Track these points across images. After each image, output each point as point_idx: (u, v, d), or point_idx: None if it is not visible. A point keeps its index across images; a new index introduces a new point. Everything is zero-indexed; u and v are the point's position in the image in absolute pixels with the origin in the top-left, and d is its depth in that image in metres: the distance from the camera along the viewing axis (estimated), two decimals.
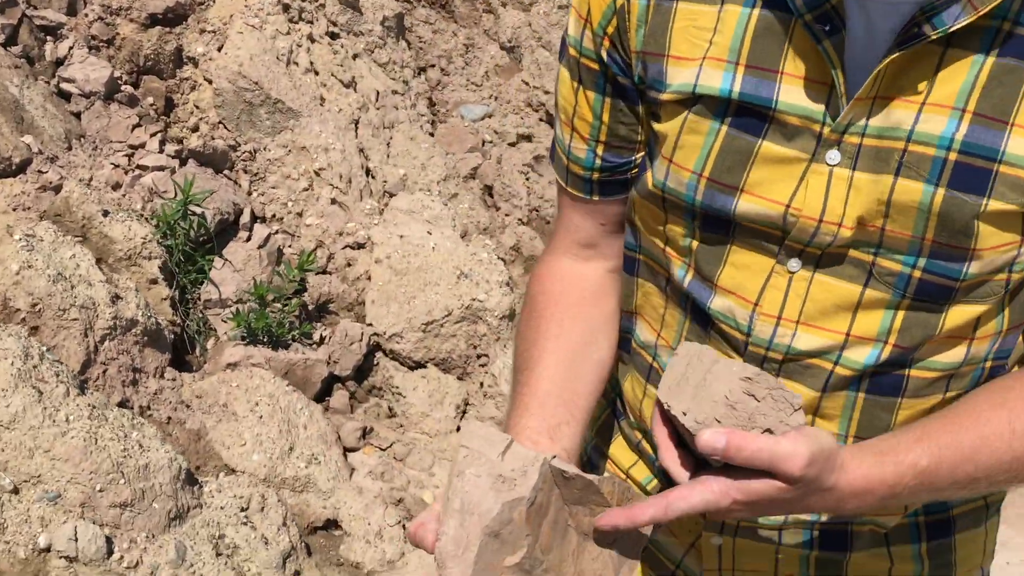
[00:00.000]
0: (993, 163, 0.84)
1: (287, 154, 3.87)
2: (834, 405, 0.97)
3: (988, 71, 0.83)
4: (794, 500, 0.84)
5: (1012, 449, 0.88)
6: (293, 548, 2.72)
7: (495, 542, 0.80)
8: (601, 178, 1.08)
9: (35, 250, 2.82)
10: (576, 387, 1.05)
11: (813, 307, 0.94)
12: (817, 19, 0.86)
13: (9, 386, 2.45)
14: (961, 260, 0.88)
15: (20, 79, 3.57)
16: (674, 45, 0.94)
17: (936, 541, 1.08)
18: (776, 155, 0.91)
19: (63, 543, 2.34)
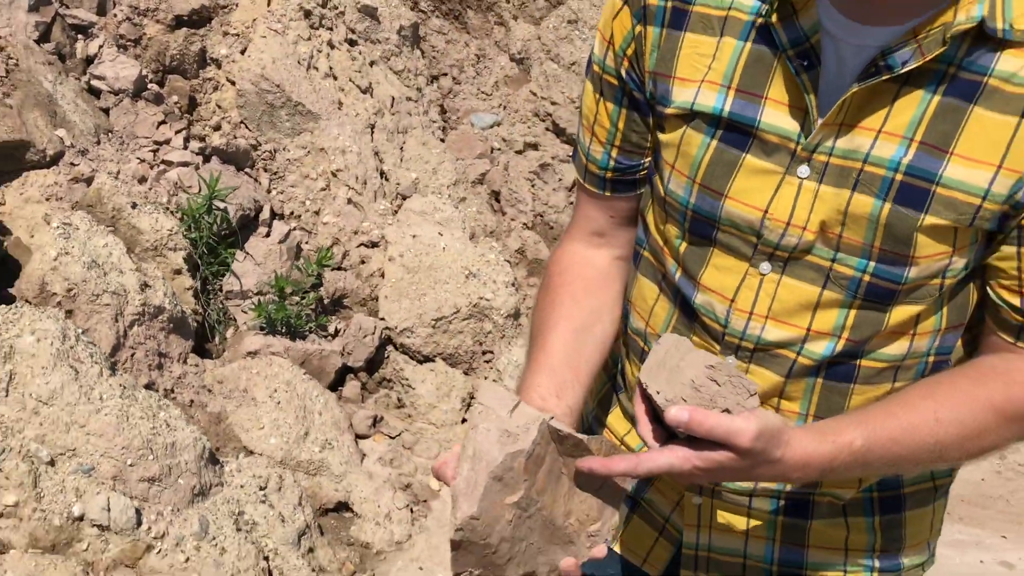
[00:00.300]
0: (932, 184, 1.00)
1: (306, 155, 4.02)
2: (797, 389, 1.14)
3: (934, 107, 0.99)
4: (745, 468, 1.00)
5: (935, 435, 1.04)
6: (308, 526, 2.88)
7: (498, 484, 0.97)
8: (613, 177, 1.26)
9: (71, 238, 2.97)
10: (581, 355, 1.22)
11: (780, 305, 1.10)
12: (798, 55, 1.03)
13: (49, 364, 2.60)
14: (903, 266, 1.04)
15: (53, 75, 3.72)
16: (679, 68, 1.12)
17: (888, 516, 1.23)
18: (757, 167, 1.08)
19: (96, 513, 2.49)
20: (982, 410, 1.05)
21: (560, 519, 1.03)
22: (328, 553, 2.89)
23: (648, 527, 1.35)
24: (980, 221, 1.01)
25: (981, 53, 0.97)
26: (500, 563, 1.01)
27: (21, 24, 3.78)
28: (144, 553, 2.52)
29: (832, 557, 1.25)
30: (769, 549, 1.25)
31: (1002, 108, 0.97)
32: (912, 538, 1.26)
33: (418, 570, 2.88)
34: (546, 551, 1.04)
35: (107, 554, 2.48)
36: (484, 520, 0.97)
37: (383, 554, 2.95)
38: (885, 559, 1.25)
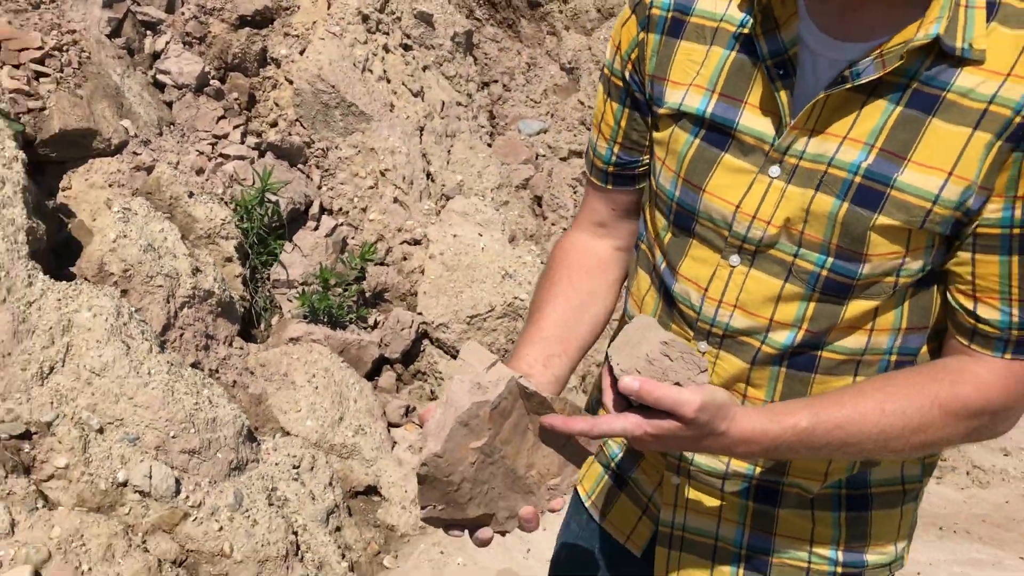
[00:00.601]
0: (887, 187, 1.08)
1: (356, 154, 4.18)
2: (761, 376, 1.22)
3: (896, 117, 1.08)
4: (692, 438, 1.09)
5: (879, 425, 1.12)
6: (336, 506, 3.01)
7: (464, 429, 1.08)
8: (615, 171, 1.37)
9: (130, 222, 3.15)
10: (572, 332, 1.32)
11: (747, 296, 1.19)
12: (776, 65, 1.13)
13: (103, 338, 2.77)
14: (857, 262, 1.12)
15: (122, 68, 3.92)
16: (673, 72, 1.23)
17: (854, 512, 1.30)
18: (734, 165, 1.18)
19: (139, 479, 2.65)
20: (928, 406, 1.12)
21: (522, 470, 1.14)
22: (355, 533, 3.02)
23: (633, 505, 1.44)
24: (931, 224, 1.09)
25: (942, 69, 1.06)
26: (461, 501, 1.12)
27: (95, 19, 3.99)
28: (181, 520, 2.68)
29: (797, 547, 1.32)
30: (739, 533, 1.33)
31: (958, 120, 1.05)
32: (878, 537, 1.32)
33: (439, 554, 2.99)
34: (507, 497, 1.15)
35: (147, 519, 2.64)
36: (447, 459, 1.08)
37: (407, 537, 3.07)
38: (849, 554, 1.31)
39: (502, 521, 1.17)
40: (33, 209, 3.02)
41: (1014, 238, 1.08)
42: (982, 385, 1.14)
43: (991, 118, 1.04)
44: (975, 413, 1.14)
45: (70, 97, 3.56)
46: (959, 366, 1.16)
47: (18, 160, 3.01)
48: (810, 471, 1.27)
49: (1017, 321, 1.12)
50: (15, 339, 2.70)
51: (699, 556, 1.36)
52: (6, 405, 2.64)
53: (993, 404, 1.14)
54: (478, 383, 1.09)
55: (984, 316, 1.13)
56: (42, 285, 2.79)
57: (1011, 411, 1.16)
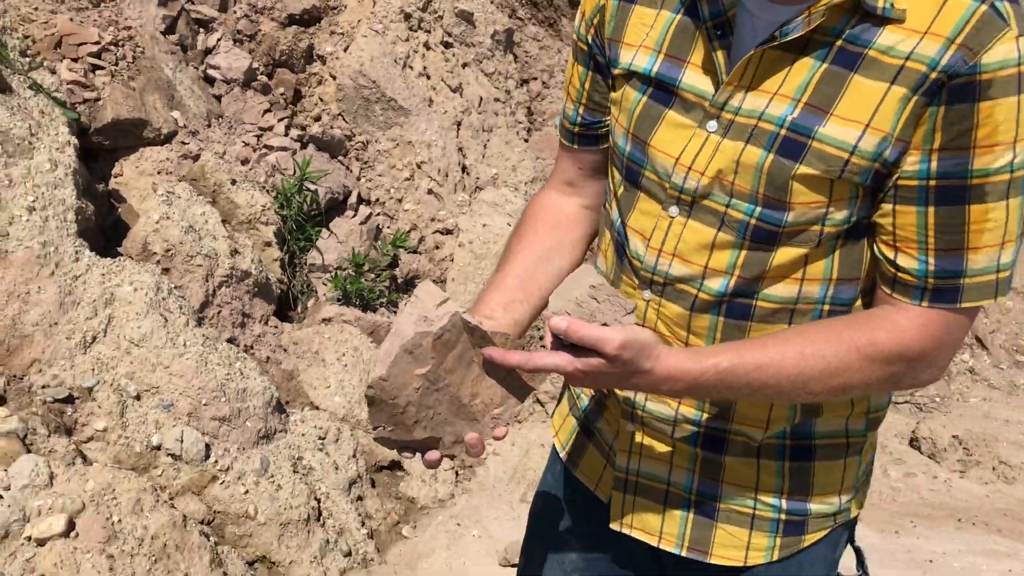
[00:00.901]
0: (808, 139, 1.16)
1: (395, 147, 4.33)
2: (701, 324, 1.30)
3: (820, 73, 1.15)
4: (618, 375, 1.17)
5: (799, 367, 1.18)
6: (359, 477, 3.15)
7: (408, 356, 1.19)
8: (580, 131, 1.46)
9: (173, 205, 3.34)
10: (534, 280, 1.41)
11: (684, 245, 1.27)
12: (715, 26, 1.22)
13: (142, 311, 2.95)
14: (782, 211, 1.19)
15: (174, 63, 4.13)
16: (627, 35, 1.32)
17: (797, 463, 1.36)
18: (676, 121, 1.26)
19: (171, 443, 2.82)
20: (846, 350, 1.19)
21: (466, 398, 1.24)
22: (376, 503, 3.16)
23: (599, 454, 1.52)
24: (849, 174, 1.16)
25: (866, 28, 1.13)
26: (408, 423, 1.23)
27: (151, 16, 4.22)
28: (209, 483, 2.84)
29: (743, 494, 1.38)
30: (689, 479, 1.40)
31: (877, 76, 1.12)
32: (821, 488, 1.38)
33: (456, 525, 3.11)
34: (452, 423, 1.25)
35: (177, 480, 2.81)
36: (392, 383, 1.19)
37: (426, 509, 3.20)
38: (792, 502, 1.37)
39: (449, 445, 1.27)
40: (83, 191, 3.23)
41: (930, 190, 1.14)
42: (897, 331, 1.20)
43: (907, 74, 1.11)
44: (890, 358, 1.20)
45: (123, 89, 3.77)
46: (879, 314, 1.22)
47: (70, 145, 3.22)
48: (753, 418, 1.33)
49: (933, 270, 1.17)
50: (61, 310, 2.89)
51: (652, 501, 1.43)
52: (51, 371, 2.83)
53: (909, 351, 1.20)
54: (425, 316, 1.19)
55: (903, 265, 1.19)
56: (88, 261, 2.99)
57: (928, 358, 1.21)
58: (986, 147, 1.11)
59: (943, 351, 1.22)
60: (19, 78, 3.27)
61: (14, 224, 2.91)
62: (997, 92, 1.09)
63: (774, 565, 1.40)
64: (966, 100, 1.09)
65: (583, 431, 1.56)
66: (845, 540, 1.47)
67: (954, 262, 1.17)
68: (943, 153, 1.12)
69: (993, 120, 1.10)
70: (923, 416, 4.31)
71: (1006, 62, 1.08)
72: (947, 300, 1.18)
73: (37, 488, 2.43)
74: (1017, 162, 1.12)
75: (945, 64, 1.09)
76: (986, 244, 1.15)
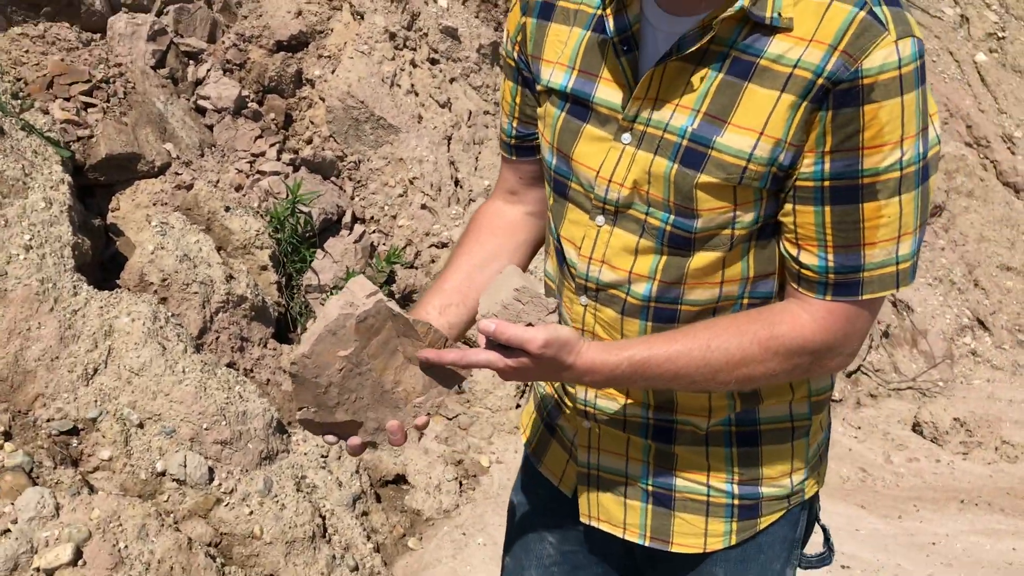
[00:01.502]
0: (708, 148, 1.21)
1: (387, 164, 4.39)
2: (632, 329, 1.35)
3: (717, 84, 1.20)
4: (544, 370, 1.23)
5: (705, 359, 1.25)
6: (363, 492, 3.20)
7: (332, 337, 1.24)
8: (516, 143, 1.52)
9: (167, 235, 3.40)
10: (472, 284, 1.47)
11: (610, 252, 1.33)
12: (622, 41, 1.27)
13: (141, 341, 3.02)
14: (691, 218, 1.25)
15: (165, 96, 4.21)
16: (545, 52, 1.38)
17: (744, 448, 1.41)
18: (594, 135, 1.31)
19: (175, 469, 2.88)
20: (749, 343, 1.24)
21: (389, 385, 1.29)
22: (381, 517, 3.20)
23: (561, 450, 1.58)
24: (748, 180, 1.21)
25: (757, 38, 1.18)
26: (330, 404, 1.28)
27: (140, 52, 4.29)
28: (214, 505, 2.90)
29: (696, 481, 1.43)
30: (644, 470, 1.45)
31: (769, 84, 1.17)
32: (770, 471, 1.43)
33: (461, 535, 3.16)
34: (374, 409, 1.30)
35: (183, 505, 2.86)
36: (314, 362, 1.25)
37: (431, 520, 3.24)
38: (744, 487, 1.43)
39: (371, 432, 1.33)
40: (80, 227, 3.30)
41: (825, 190, 1.19)
42: (798, 325, 1.25)
43: (795, 81, 1.16)
44: (792, 351, 1.25)
45: (116, 124, 3.85)
46: (782, 307, 1.28)
47: (64, 183, 3.29)
48: (695, 408, 1.39)
49: (833, 266, 1.23)
50: (62, 344, 2.96)
51: (614, 494, 1.49)
52: (55, 404, 2.90)
53: (810, 343, 1.25)
54: (351, 302, 1.26)
55: (805, 262, 1.24)
56: (86, 294, 3.05)
57: (832, 349, 1.26)
58: (874, 147, 1.16)
59: (848, 341, 1.27)
60: (11, 120, 3.35)
61: (12, 263, 2.98)
62: (879, 95, 1.13)
63: (733, 549, 1.45)
64: (851, 104, 1.14)
65: (546, 428, 1.62)
66: (805, 519, 1.51)
67: (852, 258, 1.21)
68: (835, 155, 1.17)
69: (878, 121, 1.14)
70: (925, 401, 4.32)
71: (885, 66, 1.13)
72: (848, 293, 1.23)
73: (44, 519, 2.49)
74: (906, 159, 1.17)
75: (829, 71, 1.14)
76: (882, 239, 1.20)
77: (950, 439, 3.88)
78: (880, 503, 3.48)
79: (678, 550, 1.46)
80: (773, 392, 1.39)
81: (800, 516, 1.49)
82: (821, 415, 1.46)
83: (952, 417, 3.96)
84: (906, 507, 3.44)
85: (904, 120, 1.15)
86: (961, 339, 4.77)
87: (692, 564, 1.49)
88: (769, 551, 1.46)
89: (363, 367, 1.27)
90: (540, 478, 1.64)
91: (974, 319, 4.94)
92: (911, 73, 1.14)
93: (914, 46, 1.14)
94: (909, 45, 1.14)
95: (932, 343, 4.53)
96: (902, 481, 3.63)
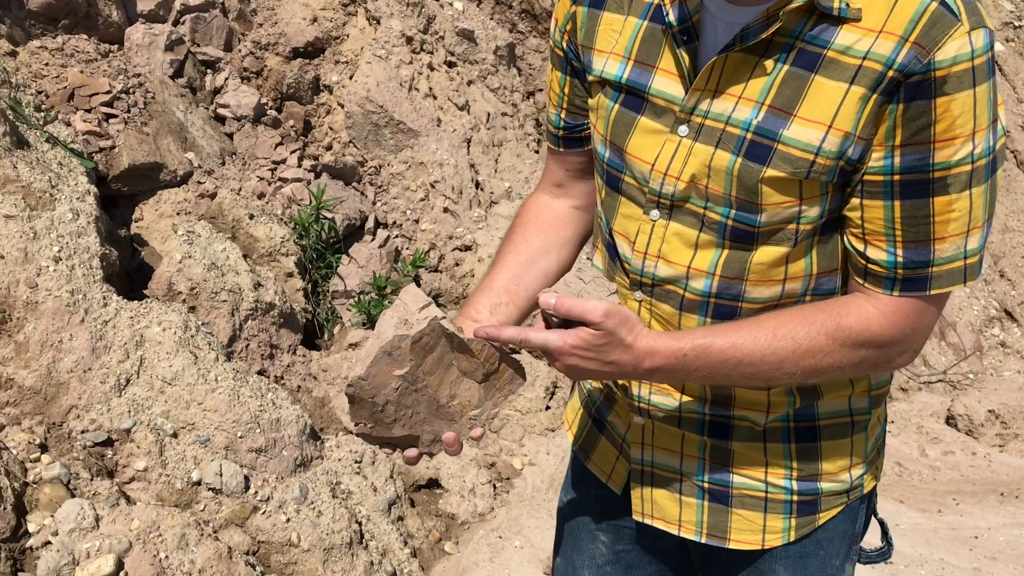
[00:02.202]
0: (774, 142, 1.18)
1: (407, 169, 4.38)
2: (690, 324, 1.32)
3: (782, 76, 1.18)
4: (603, 352, 1.20)
5: (771, 346, 1.22)
6: (398, 497, 3.18)
7: (387, 357, 1.23)
8: (564, 135, 1.49)
9: (194, 243, 3.39)
10: (521, 282, 1.44)
11: (667, 246, 1.30)
12: (682, 32, 1.24)
13: (173, 350, 3.00)
14: (755, 212, 1.22)
15: (185, 106, 4.20)
16: (598, 41, 1.35)
17: (803, 444, 1.39)
18: (648, 127, 1.29)
19: (211, 477, 2.86)
20: (816, 333, 1.22)
21: (444, 399, 1.28)
22: (416, 522, 3.18)
23: (611, 447, 1.55)
24: (815, 174, 1.18)
25: (824, 28, 1.15)
26: (388, 421, 1.27)
27: (159, 62, 4.29)
28: (251, 513, 2.87)
29: (754, 477, 1.41)
30: (700, 467, 1.43)
31: (837, 76, 1.14)
32: (829, 467, 1.41)
33: (497, 539, 3.13)
34: (430, 422, 1.29)
35: (220, 514, 2.84)
36: (371, 383, 1.24)
37: (467, 524, 3.21)
38: (803, 483, 1.40)
39: (427, 443, 1.32)
40: (106, 238, 3.28)
41: (895, 184, 1.17)
42: (864, 317, 1.23)
43: (865, 73, 1.13)
44: (859, 343, 1.23)
45: (137, 135, 3.84)
46: (849, 300, 1.26)
47: (90, 194, 3.28)
48: (753, 403, 1.36)
49: (902, 261, 1.20)
50: (94, 355, 2.94)
51: (668, 491, 1.47)
52: (89, 416, 2.88)
53: (878, 337, 1.23)
54: (405, 319, 1.24)
55: (872, 257, 1.22)
56: (116, 305, 3.04)
57: (900, 344, 1.24)
58: (945, 141, 1.13)
59: (915, 336, 1.25)
60: (35, 133, 3.34)
61: (42, 275, 2.96)
62: (952, 87, 1.11)
63: (792, 546, 1.42)
64: (923, 97, 1.12)
65: (595, 424, 1.60)
66: (865, 514, 1.49)
67: (921, 253, 1.19)
68: (905, 149, 1.15)
69: (950, 114, 1.12)
70: (957, 393, 4.28)
71: (958, 58, 1.10)
72: (917, 288, 1.21)
73: (84, 531, 2.47)
74: (977, 152, 1.14)
75: (900, 63, 1.11)
76: (952, 233, 1.18)
77: (985, 431, 3.84)
78: (918, 497, 3.45)
79: (736, 546, 1.43)
80: (833, 387, 1.36)
81: (859, 511, 1.47)
82: (880, 409, 1.44)
83: (987, 409, 3.92)
84: (945, 501, 3.40)
85: (976, 112, 1.12)
86: (990, 330, 4.73)
87: (750, 560, 1.46)
88: (829, 547, 1.44)
89: (419, 384, 1.26)
90: (589, 475, 1.61)
91: (1001, 310, 4.90)
92: (984, 64, 1.12)
93: (986, 37, 1.12)
94: (982, 36, 1.11)
95: (961, 335, 4.49)
96: (939, 475, 3.59)
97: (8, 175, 3.10)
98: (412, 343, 1.23)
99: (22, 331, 2.89)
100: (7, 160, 3.12)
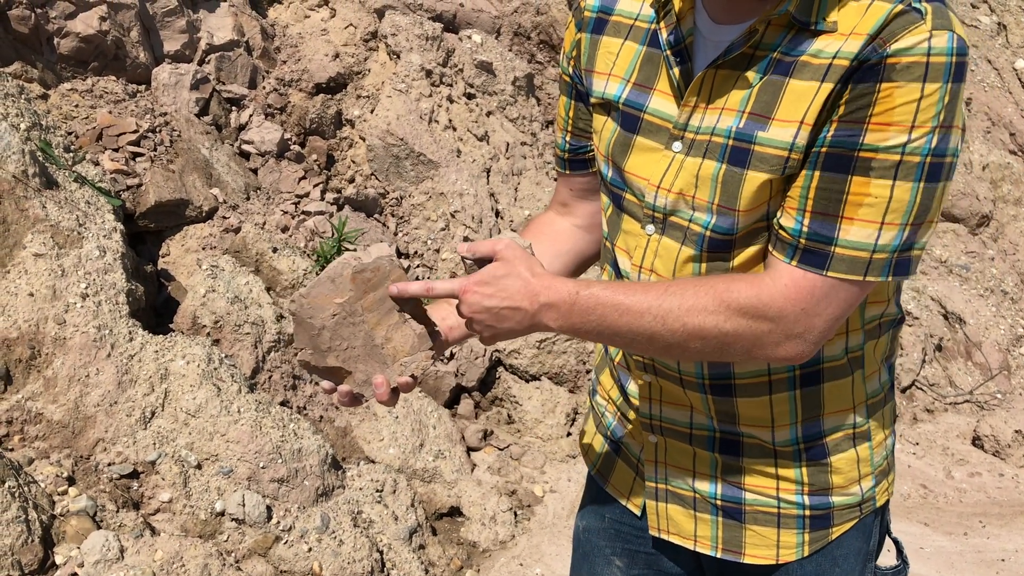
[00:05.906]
0: (751, 144, 1.23)
1: (428, 199, 4.44)
2: None
3: (761, 84, 1.23)
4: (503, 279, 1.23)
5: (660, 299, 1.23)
6: (419, 525, 3.20)
7: (330, 284, 1.30)
8: (569, 157, 1.56)
9: (217, 278, 3.46)
10: None
11: (658, 260, 1.35)
12: (675, 54, 1.30)
13: (196, 383, 3.06)
14: (732, 218, 1.26)
15: (210, 143, 4.30)
16: (597, 64, 1.42)
17: (813, 460, 1.40)
18: (645, 145, 1.34)
19: (234, 508, 2.90)
20: (705, 292, 1.23)
21: (380, 340, 1.32)
22: (438, 550, 3.20)
23: (627, 468, 1.58)
24: (790, 170, 1.22)
25: (800, 40, 1.21)
26: (322, 348, 1.32)
27: (184, 101, 4.40)
28: (273, 543, 2.91)
29: (766, 494, 1.43)
30: (713, 485, 1.45)
31: (808, 76, 1.19)
32: (839, 479, 1.42)
33: (518, 566, 3.14)
34: (364, 361, 1.34)
35: (243, 544, 2.89)
36: (311, 303, 1.30)
37: (488, 552, 3.23)
38: (814, 497, 1.42)
39: (359, 383, 1.36)
40: (132, 274, 3.37)
41: (820, 155, 1.19)
42: (756, 283, 1.23)
43: (835, 70, 1.17)
44: (744, 308, 1.22)
45: (163, 172, 3.93)
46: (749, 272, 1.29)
47: (117, 231, 3.37)
48: (756, 419, 1.39)
49: (806, 231, 1.21)
50: (120, 388, 3.01)
51: (683, 507, 1.50)
52: (115, 448, 2.94)
53: (765, 306, 1.22)
54: (359, 257, 1.31)
55: (783, 224, 1.24)
56: (141, 339, 3.11)
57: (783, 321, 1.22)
58: (880, 125, 1.15)
59: (804, 320, 1.23)
60: (64, 173, 3.44)
61: (70, 311, 3.04)
62: (900, 76, 1.13)
63: (807, 562, 1.44)
64: (870, 80, 1.14)
65: (611, 447, 1.63)
66: (879, 531, 1.49)
67: (826, 227, 1.20)
68: (840, 124, 1.17)
69: (891, 100, 1.14)
70: (984, 414, 4.24)
71: (913, 50, 1.13)
72: (815, 264, 1.21)
73: (109, 562, 2.52)
74: (912, 146, 1.15)
75: (863, 55, 1.15)
76: (861, 218, 1.18)
77: (1012, 452, 3.79)
78: (944, 520, 3.41)
79: (751, 561, 1.45)
80: (834, 401, 1.39)
81: (873, 526, 1.48)
82: (880, 418, 1.45)
83: (1013, 430, 3.87)
84: (971, 523, 3.36)
85: (921, 107, 1.13)
86: (1017, 350, 4.68)
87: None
88: (844, 564, 1.45)
89: (356, 318, 1.31)
90: (606, 501, 1.64)
91: None
92: (941, 65, 1.13)
93: (951, 41, 1.13)
94: (945, 38, 1.13)
95: (987, 355, 4.45)
96: (965, 497, 3.56)
97: (38, 215, 3.19)
98: (354, 273, 1.30)
99: (51, 367, 2.97)
100: (36, 200, 3.22)
